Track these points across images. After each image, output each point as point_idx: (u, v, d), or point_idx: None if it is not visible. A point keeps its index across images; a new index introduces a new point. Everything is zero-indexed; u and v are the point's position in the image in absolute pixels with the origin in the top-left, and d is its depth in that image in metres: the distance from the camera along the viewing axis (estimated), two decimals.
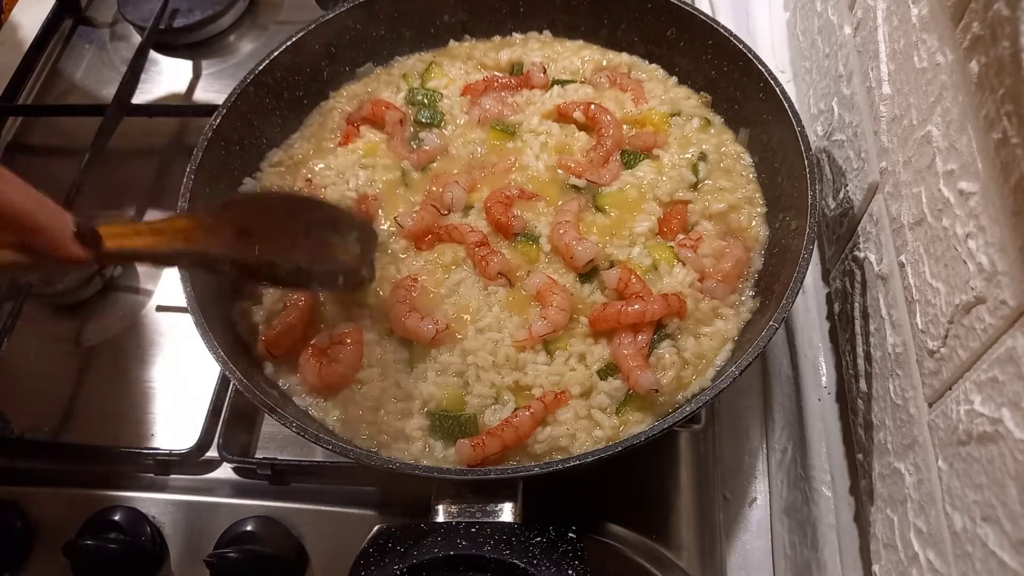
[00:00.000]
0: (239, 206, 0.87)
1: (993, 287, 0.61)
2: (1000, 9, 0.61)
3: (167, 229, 0.76)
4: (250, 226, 0.83)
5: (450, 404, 0.93)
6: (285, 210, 0.90)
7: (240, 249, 0.81)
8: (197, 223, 0.78)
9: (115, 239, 0.69)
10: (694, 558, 0.97)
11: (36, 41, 1.61)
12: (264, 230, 0.84)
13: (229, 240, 0.80)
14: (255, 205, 0.90)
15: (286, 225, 0.87)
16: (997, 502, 0.58)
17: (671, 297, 0.95)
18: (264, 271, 0.85)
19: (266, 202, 0.93)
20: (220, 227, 0.80)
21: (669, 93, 1.20)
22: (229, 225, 0.81)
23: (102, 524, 1.01)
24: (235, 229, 0.81)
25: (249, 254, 0.82)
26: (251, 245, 0.82)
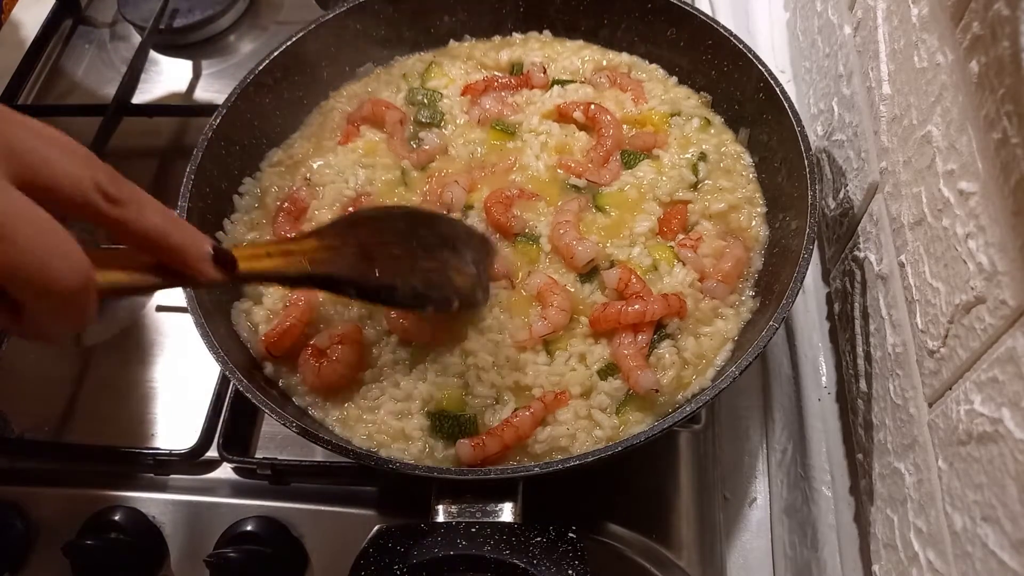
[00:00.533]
0: (363, 224, 0.84)
1: (993, 287, 0.61)
2: (1000, 9, 0.61)
3: (296, 250, 0.75)
4: (372, 247, 0.82)
5: (450, 404, 0.93)
6: (406, 227, 0.88)
7: (362, 272, 0.80)
8: (323, 243, 0.78)
9: (247, 261, 0.69)
10: (694, 558, 0.97)
11: (36, 41, 1.61)
12: (385, 251, 0.83)
13: (352, 262, 0.79)
14: (378, 222, 0.87)
15: (406, 245, 0.86)
16: (997, 502, 0.58)
17: (671, 297, 0.95)
18: (382, 295, 0.83)
19: (388, 219, 0.90)
20: (344, 248, 0.79)
21: (669, 93, 1.20)
22: (352, 246, 0.80)
23: (102, 524, 1.01)
24: (358, 250, 0.80)
25: (370, 277, 0.81)
26: (372, 268, 0.81)
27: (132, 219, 0.56)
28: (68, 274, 0.50)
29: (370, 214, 0.89)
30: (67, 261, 0.50)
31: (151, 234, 0.58)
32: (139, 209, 0.57)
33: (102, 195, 0.54)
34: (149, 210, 0.58)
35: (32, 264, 0.49)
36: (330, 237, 0.79)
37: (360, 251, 0.80)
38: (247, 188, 1.14)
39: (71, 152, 0.54)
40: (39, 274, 0.49)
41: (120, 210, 0.55)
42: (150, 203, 0.58)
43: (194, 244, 0.61)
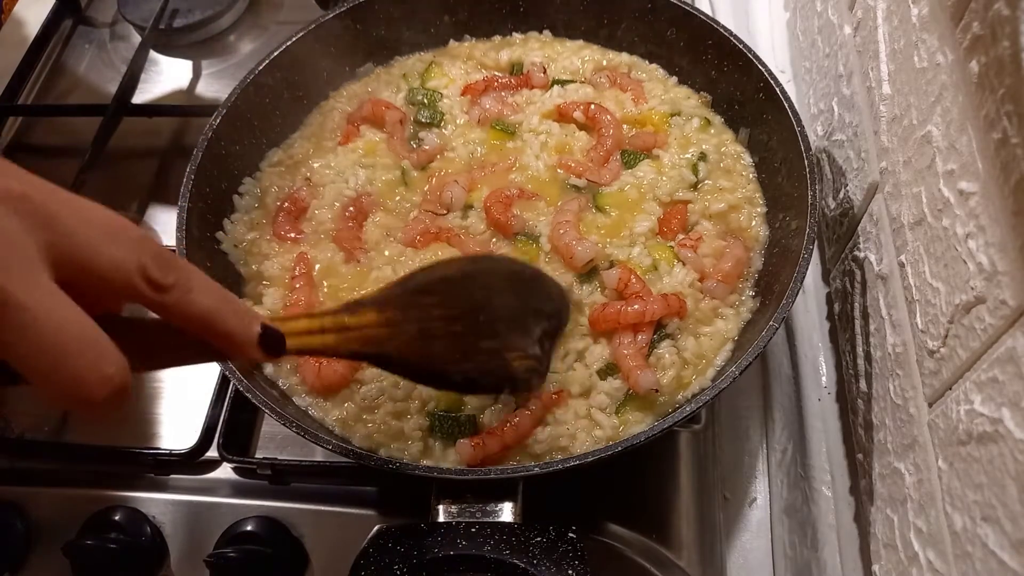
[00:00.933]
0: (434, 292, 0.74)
1: (993, 287, 0.61)
2: (1000, 9, 0.61)
3: (353, 326, 0.70)
4: (434, 324, 0.74)
5: (449, 404, 0.93)
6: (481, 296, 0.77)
7: (417, 354, 0.73)
8: (384, 317, 0.71)
9: (298, 338, 0.65)
10: (694, 558, 0.97)
11: (36, 41, 1.61)
12: (447, 329, 0.74)
13: (408, 341, 0.72)
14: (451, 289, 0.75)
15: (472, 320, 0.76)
16: (997, 502, 0.58)
17: (671, 297, 0.95)
18: (433, 380, 0.78)
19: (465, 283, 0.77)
20: (404, 324, 0.72)
21: (669, 93, 1.20)
22: (414, 321, 0.72)
23: (102, 524, 1.01)
24: (418, 328, 0.73)
25: (423, 363, 0.74)
26: (429, 349, 0.74)
27: (178, 305, 0.54)
28: (102, 390, 0.48)
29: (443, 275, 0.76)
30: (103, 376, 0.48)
31: (197, 319, 0.55)
32: (186, 293, 0.54)
33: (147, 282, 0.52)
34: (197, 293, 0.55)
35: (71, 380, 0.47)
36: (393, 308, 0.72)
37: (420, 329, 0.73)
38: (247, 188, 1.14)
39: (118, 236, 0.51)
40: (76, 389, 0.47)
41: (166, 296, 0.53)
42: (198, 285, 0.55)
43: (242, 328, 0.58)
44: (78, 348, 0.47)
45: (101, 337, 0.49)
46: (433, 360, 0.75)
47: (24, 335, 0.45)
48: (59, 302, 0.47)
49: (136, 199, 1.37)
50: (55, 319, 0.46)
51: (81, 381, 0.47)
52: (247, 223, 1.11)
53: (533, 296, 0.82)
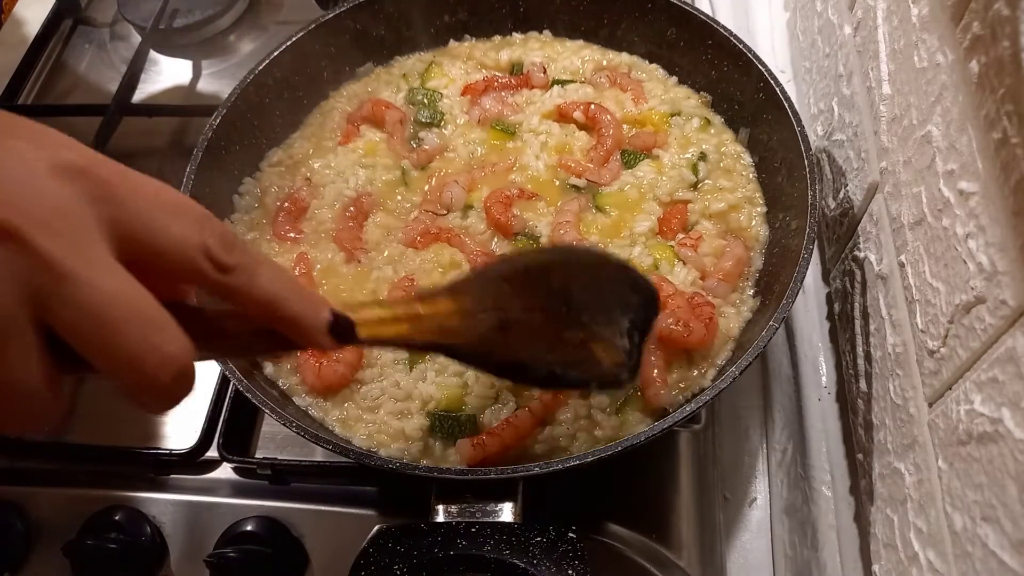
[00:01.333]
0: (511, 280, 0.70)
1: (993, 287, 0.61)
2: (1000, 9, 0.61)
3: (426, 314, 0.67)
4: (512, 313, 0.70)
5: (450, 404, 0.93)
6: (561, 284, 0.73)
7: (493, 344, 0.69)
8: (459, 306, 0.68)
9: (369, 327, 0.62)
10: (694, 558, 0.97)
11: (36, 41, 1.61)
12: (526, 320, 0.70)
13: (484, 332, 0.69)
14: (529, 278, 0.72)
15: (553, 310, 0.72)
16: (997, 502, 0.58)
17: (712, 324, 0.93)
18: (511, 373, 0.75)
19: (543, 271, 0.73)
20: (480, 313, 0.69)
21: (669, 93, 1.20)
22: (490, 310, 0.69)
23: (102, 524, 1.01)
24: (495, 317, 0.69)
25: (500, 354, 0.70)
26: (506, 340, 0.70)
27: (243, 288, 0.52)
28: (163, 370, 0.46)
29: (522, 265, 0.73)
30: (163, 356, 0.46)
31: (263, 303, 0.53)
32: (251, 276, 0.52)
33: (211, 262, 0.50)
34: (262, 276, 0.53)
35: (130, 358, 0.45)
36: (469, 296, 0.69)
37: (497, 319, 0.69)
38: (247, 188, 1.14)
39: (180, 214, 0.50)
40: (136, 369, 0.46)
41: (230, 278, 0.51)
42: (264, 267, 0.53)
43: (311, 313, 0.55)
44: (133, 322, 0.45)
45: (161, 313, 0.47)
46: (512, 351, 0.71)
47: (81, 310, 0.43)
48: (117, 276, 0.45)
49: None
50: (111, 291, 0.44)
51: (140, 359, 0.45)
52: (247, 223, 1.11)
53: (618, 287, 0.77)
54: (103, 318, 0.44)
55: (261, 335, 0.56)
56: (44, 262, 0.42)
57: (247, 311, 0.54)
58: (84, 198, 0.45)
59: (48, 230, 0.42)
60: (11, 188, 0.43)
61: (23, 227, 0.42)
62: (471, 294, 0.69)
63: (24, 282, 0.42)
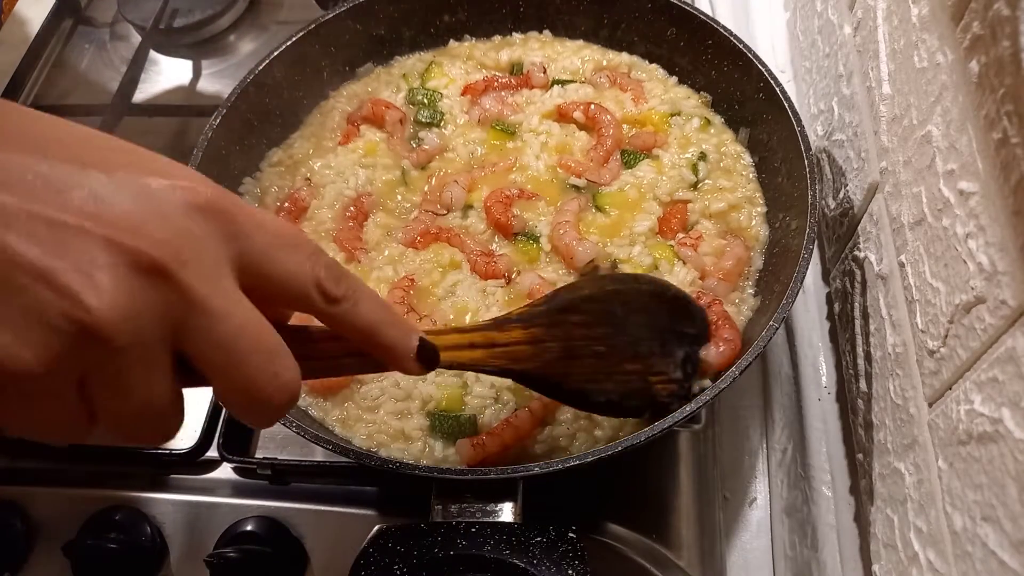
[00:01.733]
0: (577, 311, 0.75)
1: (993, 287, 0.61)
2: (1000, 9, 0.61)
3: (500, 341, 0.72)
4: (577, 342, 0.75)
5: (449, 404, 0.93)
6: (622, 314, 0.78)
7: (559, 372, 0.75)
8: (529, 333, 0.73)
9: (449, 351, 0.67)
10: (694, 558, 0.97)
11: (36, 41, 1.61)
12: (590, 349, 0.76)
13: (552, 360, 0.74)
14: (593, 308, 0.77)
15: (614, 340, 0.77)
16: (997, 502, 0.58)
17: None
18: (570, 398, 0.79)
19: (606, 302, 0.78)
20: (549, 342, 0.74)
21: (669, 93, 1.20)
22: (558, 339, 0.74)
23: (102, 524, 1.01)
24: (562, 346, 0.74)
25: (567, 380, 0.75)
26: (570, 369, 0.75)
27: (346, 316, 0.56)
28: (279, 395, 0.50)
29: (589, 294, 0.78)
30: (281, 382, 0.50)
31: (362, 331, 0.57)
32: (354, 305, 0.56)
33: (321, 293, 0.54)
34: (364, 306, 0.57)
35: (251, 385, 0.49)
36: (538, 324, 0.74)
37: (563, 348, 0.75)
38: (247, 188, 1.14)
39: (296, 248, 0.53)
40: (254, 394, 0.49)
41: (335, 308, 0.55)
42: (365, 297, 0.57)
43: (403, 341, 0.60)
44: (258, 352, 0.49)
45: (280, 343, 0.51)
46: (575, 379, 0.76)
47: (214, 341, 0.47)
48: (245, 309, 0.49)
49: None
50: (240, 324, 0.48)
51: (260, 386, 0.49)
52: None
53: (675, 317, 0.83)
54: (233, 349, 0.48)
55: (354, 357, 0.60)
56: (186, 297, 0.46)
57: (345, 335, 0.57)
58: (218, 235, 0.48)
59: (189, 265, 0.46)
60: (161, 224, 0.46)
61: (170, 264, 0.45)
62: (540, 324, 0.74)
63: (167, 315, 0.45)
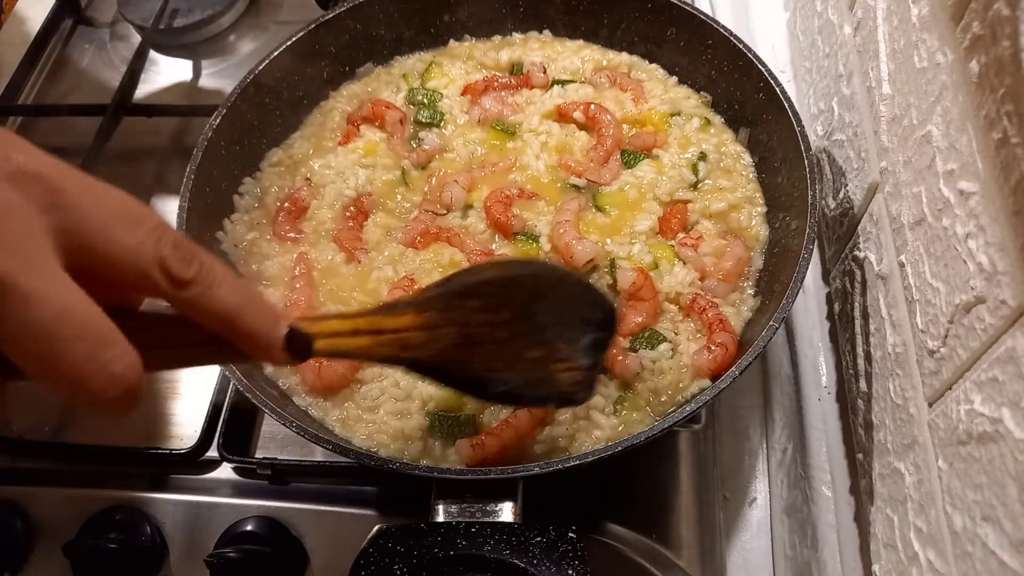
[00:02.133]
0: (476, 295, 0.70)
1: (993, 287, 0.61)
2: (1000, 9, 0.61)
3: (388, 328, 0.66)
4: (475, 329, 0.70)
5: (449, 404, 0.93)
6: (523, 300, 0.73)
7: (456, 361, 0.70)
8: (422, 319, 0.68)
9: (329, 339, 0.62)
10: (694, 558, 0.97)
11: (36, 41, 1.61)
12: (489, 335, 0.71)
13: (447, 346, 0.69)
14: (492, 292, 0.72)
15: (516, 326, 0.72)
16: (997, 502, 0.58)
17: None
18: (472, 388, 0.74)
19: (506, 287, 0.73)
20: (444, 327, 0.68)
21: (669, 93, 1.20)
22: (454, 325, 0.69)
23: (102, 524, 1.01)
24: (458, 332, 0.69)
25: (462, 370, 0.71)
26: (469, 356, 0.70)
27: (199, 301, 0.50)
28: (111, 388, 0.44)
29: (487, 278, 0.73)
30: (111, 374, 0.44)
31: (219, 317, 0.51)
32: (208, 289, 0.50)
33: (166, 275, 0.48)
34: (218, 289, 0.51)
35: (75, 377, 0.43)
36: (432, 310, 0.68)
37: (460, 334, 0.69)
38: (247, 188, 1.14)
39: (135, 222, 0.47)
40: (81, 387, 0.44)
41: (184, 292, 0.49)
42: (220, 280, 0.51)
43: (267, 329, 0.54)
44: (81, 339, 0.43)
45: (110, 329, 0.45)
46: (474, 368, 0.71)
47: (25, 325, 0.41)
48: (64, 289, 0.43)
49: (136, 199, 1.37)
50: (59, 307, 0.42)
51: (86, 378, 0.44)
52: (247, 223, 1.11)
53: (581, 305, 0.78)
54: (49, 336, 0.42)
55: (213, 346, 0.54)
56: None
57: (200, 321, 0.52)
58: (35, 205, 0.43)
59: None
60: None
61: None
62: (435, 308, 0.69)
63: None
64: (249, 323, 0.53)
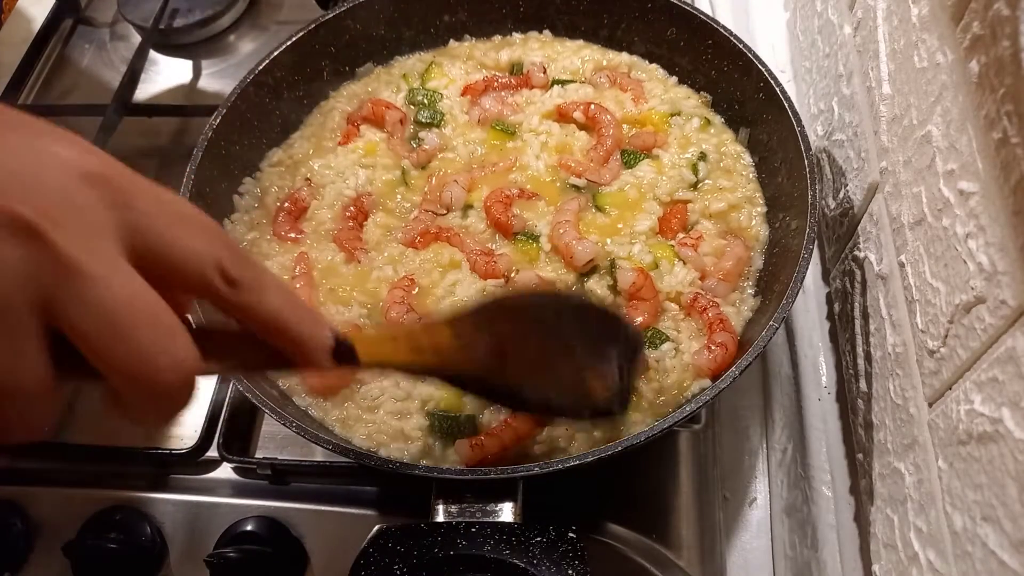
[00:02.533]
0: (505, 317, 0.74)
1: (993, 287, 0.61)
2: (1000, 9, 0.61)
3: (426, 345, 0.68)
4: (507, 344, 0.73)
5: (449, 404, 0.93)
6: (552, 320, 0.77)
7: (490, 370, 0.72)
8: (456, 335, 0.70)
9: (370, 352, 0.63)
10: (694, 558, 0.97)
11: (36, 41, 1.61)
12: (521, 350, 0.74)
13: (482, 359, 0.72)
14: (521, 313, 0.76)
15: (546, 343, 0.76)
16: (997, 502, 0.58)
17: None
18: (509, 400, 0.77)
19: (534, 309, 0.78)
20: (478, 341, 0.71)
21: (669, 93, 1.20)
22: (486, 341, 0.72)
23: (102, 524, 1.01)
24: (491, 347, 0.72)
25: (497, 377, 0.73)
26: (503, 367, 0.73)
27: (251, 305, 0.51)
28: (173, 375, 0.45)
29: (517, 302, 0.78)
30: (174, 360, 0.45)
31: (269, 321, 0.52)
32: (260, 294, 0.52)
33: (222, 277, 0.49)
34: (270, 294, 0.52)
35: (140, 361, 0.44)
36: (466, 329, 0.71)
37: (493, 349, 0.72)
38: (247, 188, 1.14)
39: (196, 227, 0.49)
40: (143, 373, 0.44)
41: (239, 295, 0.51)
42: (272, 285, 0.53)
43: (314, 335, 0.55)
44: (150, 326, 0.44)
45: (174, 319, 0.46)
46: (508, 379, 0.74)
47: (92, 309, 0.42)
48: (132, 279, 0.44)
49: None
50: (126, 293, 0.43)
51: (151, 361, 0.44)
52: (247, 223, 1.11)
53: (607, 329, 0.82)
54: (115, 318, 0.43)
55: (263, 353, 0.56)
56: (58, 258, 0.41)
57: (252, 328, 0.53)
58: (105, 203, 0.45)
59: (66, 228, 0.42)
60: (37, 186, 0.43)
61: (42, 224, 0.41)
62: (470, 324, 0.71)
63: (35, 277, 0.41)
64: (299, 328, 0.54)
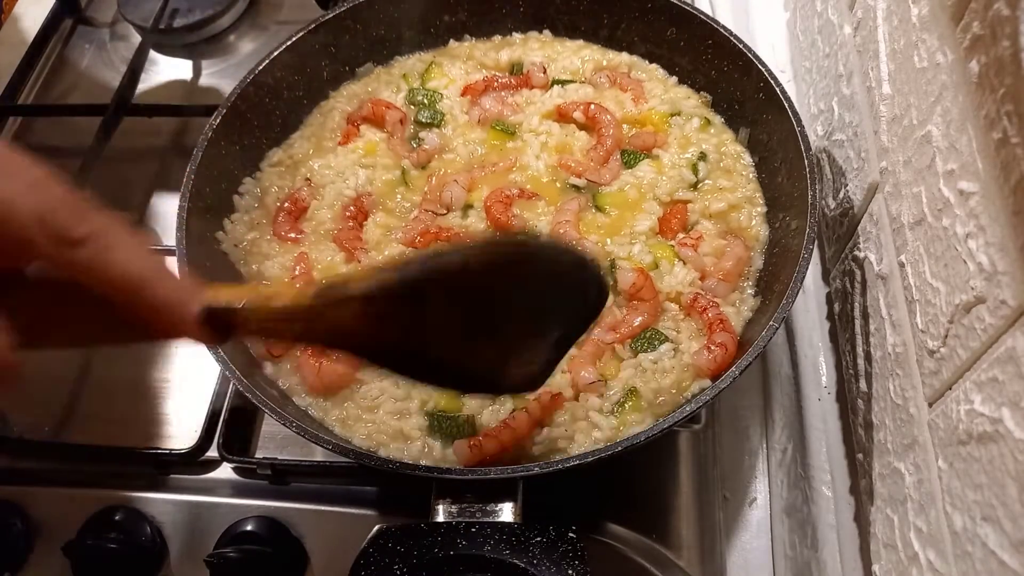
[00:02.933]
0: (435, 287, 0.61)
1: (993, 287, 0.61)
2: (1000, 9, 0.61)
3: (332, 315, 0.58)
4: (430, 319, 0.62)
5: (448, 405, 0.93)
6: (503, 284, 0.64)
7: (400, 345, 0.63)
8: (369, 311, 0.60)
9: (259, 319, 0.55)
10: (694, 558, 0.97)
11: (36, 41, 1.61)
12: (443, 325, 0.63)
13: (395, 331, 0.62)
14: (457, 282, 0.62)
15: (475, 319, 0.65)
16: (997, 502, 0.58)
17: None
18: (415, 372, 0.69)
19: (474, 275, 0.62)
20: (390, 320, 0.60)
21: (669, 93, 1.20)
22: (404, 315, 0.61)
23: (102, 524, 1.01)
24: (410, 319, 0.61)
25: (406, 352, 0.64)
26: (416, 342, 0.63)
27: (93, 264, 0.43)
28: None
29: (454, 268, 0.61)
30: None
31: (120, 284, 0.44)
32: (103, 251, 0.43)
33: (46, 233, 0.41)
34: (119, 252, 0.44)
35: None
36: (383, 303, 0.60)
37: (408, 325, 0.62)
38: (247, 188, 1.14)
39: (10, 174, 0.41)
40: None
41: (75, 253, 0.43)
42: (119, 244, 0.44)
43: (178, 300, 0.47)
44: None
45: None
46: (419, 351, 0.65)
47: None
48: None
49: (136, 199, 1.37)
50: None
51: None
52: (247, 223, 1.11)
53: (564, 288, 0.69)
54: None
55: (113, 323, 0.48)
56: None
57: (101, 292, 0.46)
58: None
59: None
60: None
61: None
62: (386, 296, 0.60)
63: None
64: (156, 293, 0.46)
